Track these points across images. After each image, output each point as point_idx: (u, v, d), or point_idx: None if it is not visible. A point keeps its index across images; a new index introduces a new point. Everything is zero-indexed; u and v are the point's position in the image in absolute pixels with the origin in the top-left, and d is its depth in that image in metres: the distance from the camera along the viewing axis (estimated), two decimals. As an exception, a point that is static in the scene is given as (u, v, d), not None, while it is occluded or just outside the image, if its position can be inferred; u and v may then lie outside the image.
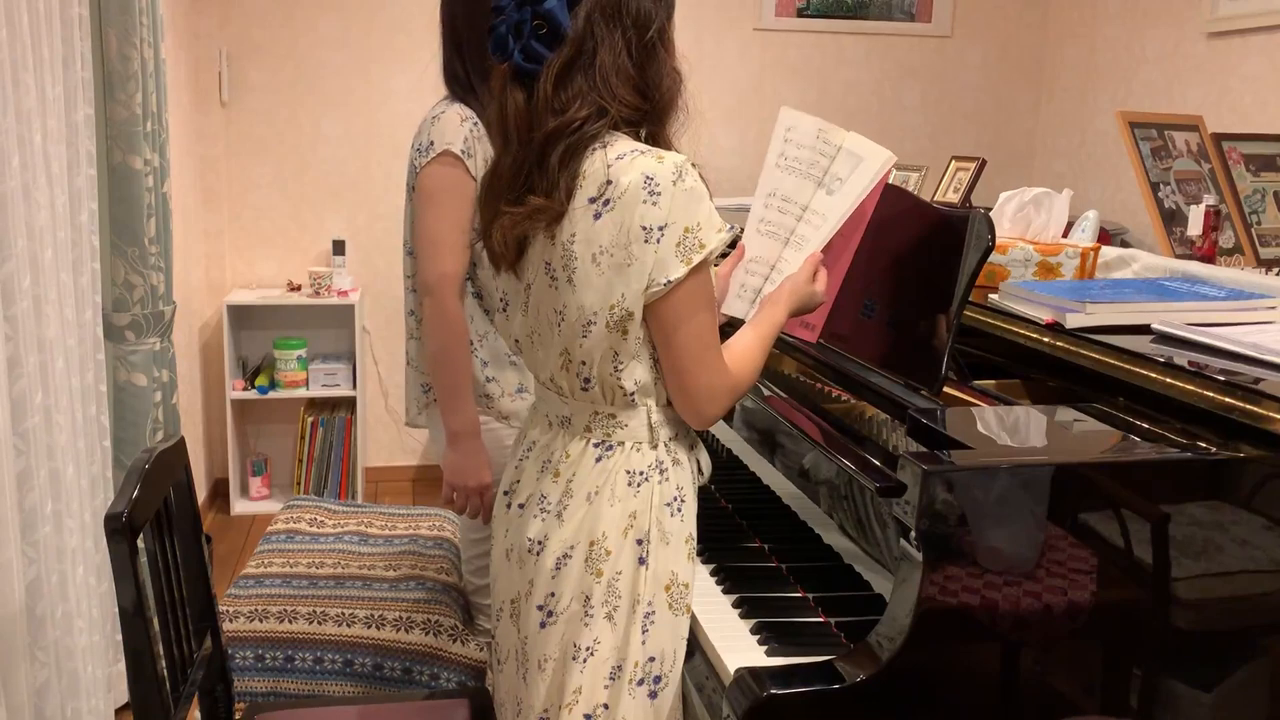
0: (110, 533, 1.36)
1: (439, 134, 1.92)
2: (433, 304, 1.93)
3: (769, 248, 1.56)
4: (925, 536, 1.18)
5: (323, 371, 3.96)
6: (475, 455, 1.99)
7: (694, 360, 1.34)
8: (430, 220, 1.93)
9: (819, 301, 1.53)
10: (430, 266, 1.93)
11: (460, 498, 2.02)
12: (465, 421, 1.98)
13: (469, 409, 1.98)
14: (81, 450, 2.27)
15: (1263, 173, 2.19)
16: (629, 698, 1.38)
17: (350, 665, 2.15)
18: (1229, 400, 1.28)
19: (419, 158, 1.94)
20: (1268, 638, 1.29)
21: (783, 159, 1.57)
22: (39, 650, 2.02)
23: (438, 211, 1.92)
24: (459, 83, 1.98)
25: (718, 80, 4.22)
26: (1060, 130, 4.32)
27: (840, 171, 1.53)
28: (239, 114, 3.95)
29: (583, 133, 1.31)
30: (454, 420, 1.98)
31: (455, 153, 1.90)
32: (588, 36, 1.32)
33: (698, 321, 1.34)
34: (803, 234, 1.54)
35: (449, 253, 1.92)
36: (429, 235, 1.93)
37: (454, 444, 1.99)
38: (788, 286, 1.50)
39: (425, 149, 1.93)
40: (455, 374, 1.95)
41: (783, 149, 1.57)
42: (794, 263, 1.53)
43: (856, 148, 1.53)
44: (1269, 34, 3.28)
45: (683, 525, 1.42)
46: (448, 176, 1.92)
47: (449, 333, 1.94)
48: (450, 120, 1.92)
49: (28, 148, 2.00)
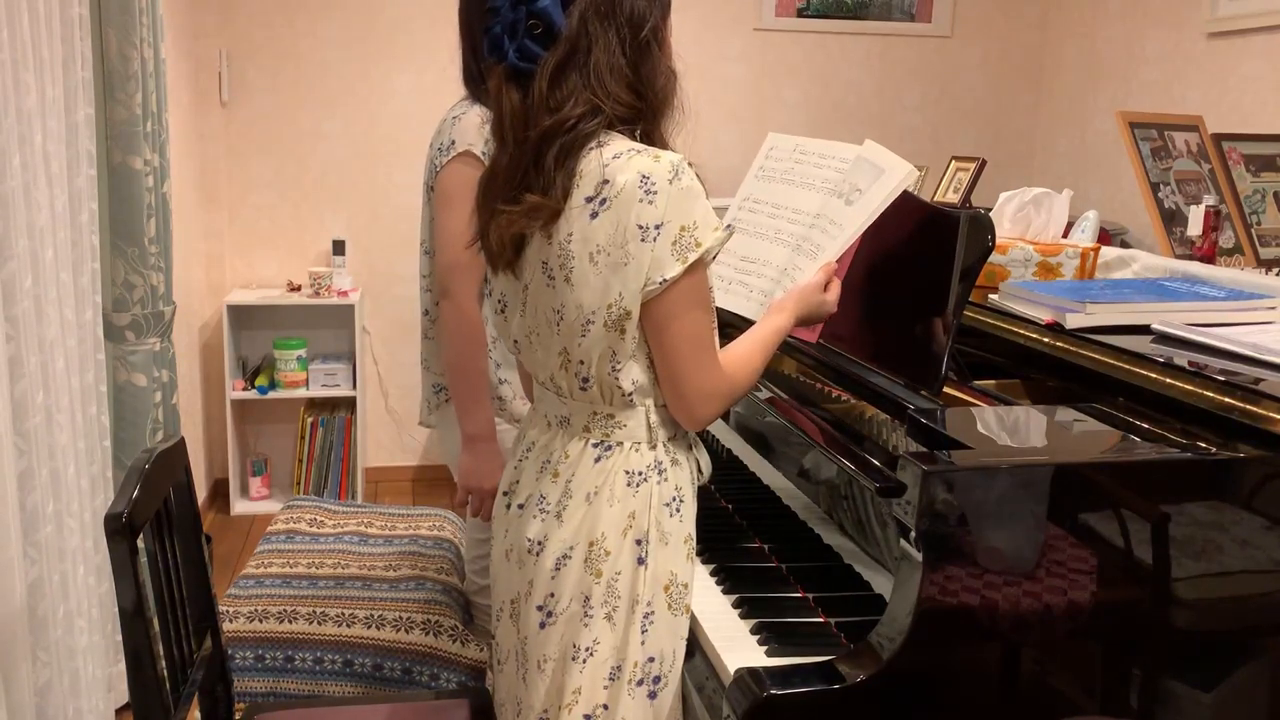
0: (110, 533, 1.36)
1: (460, 134, 1.92)
2: (450, 306, 1.92)
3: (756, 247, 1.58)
4: (925, 536, 1.18)
5: (323, 372, 3.96)
6: (491, 458, 1.98)
7: (687, 360, 1.34)
8: (449, 220, 1.92)
9: (828, 311, 1.52)
10: (449, 267, 1.91)
11: (475, 501, 2.00)
12: (481, 424, 1.96)
13: (485, 411, 1.97)
14: (82, 450, 2.27)
15: (1263, 173, 2.19)
16: (628, 698, 1.38)
17: (350, 665, 2.15)
18: (1229, 400, 1.28)
19: (440, 157, 1.94)
20: (1268, 638, 1.29)
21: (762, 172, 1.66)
22: (41, 650, 2.02)
23: (458, 211, 1.91)
24: (476, 84, 1.97)
25: (718, 80, 4.22)
26: (1060, 130, 4.32)
27: (860, 182, 1.52)
28: (239, 114, 3.95)
29: (578, 131, 1.31)
30: (470, 423, 1.96)
31: (476, 154, 1.90)
32: (582, 35, 1.32)
33: (692, 320, 1.33)
34: (818, 242, 1.54)
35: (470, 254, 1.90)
36: (448, 235, 1.92)
37: (469, 447, 1.98)
38: (796, 294, 1.49)
39: (446, 148, 1.93)
40: (472, 376, 1.94)
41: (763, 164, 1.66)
42: (807, 270, 1.52)
43: (876, 158, 1.52)
44: (1269, 34, 3.28)
45: (682, 525, 1.42)
46: (468, 176, 1.89)
47: (466, 335, 1.92)
48: (471, 121, 1.91)
49: (28, 148, 2.00)
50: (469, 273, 1.91)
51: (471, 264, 1.90)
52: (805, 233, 1.56)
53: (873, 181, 1.50)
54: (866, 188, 1.51)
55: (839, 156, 1.58)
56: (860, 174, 1.52)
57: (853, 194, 1.52)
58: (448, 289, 1.92)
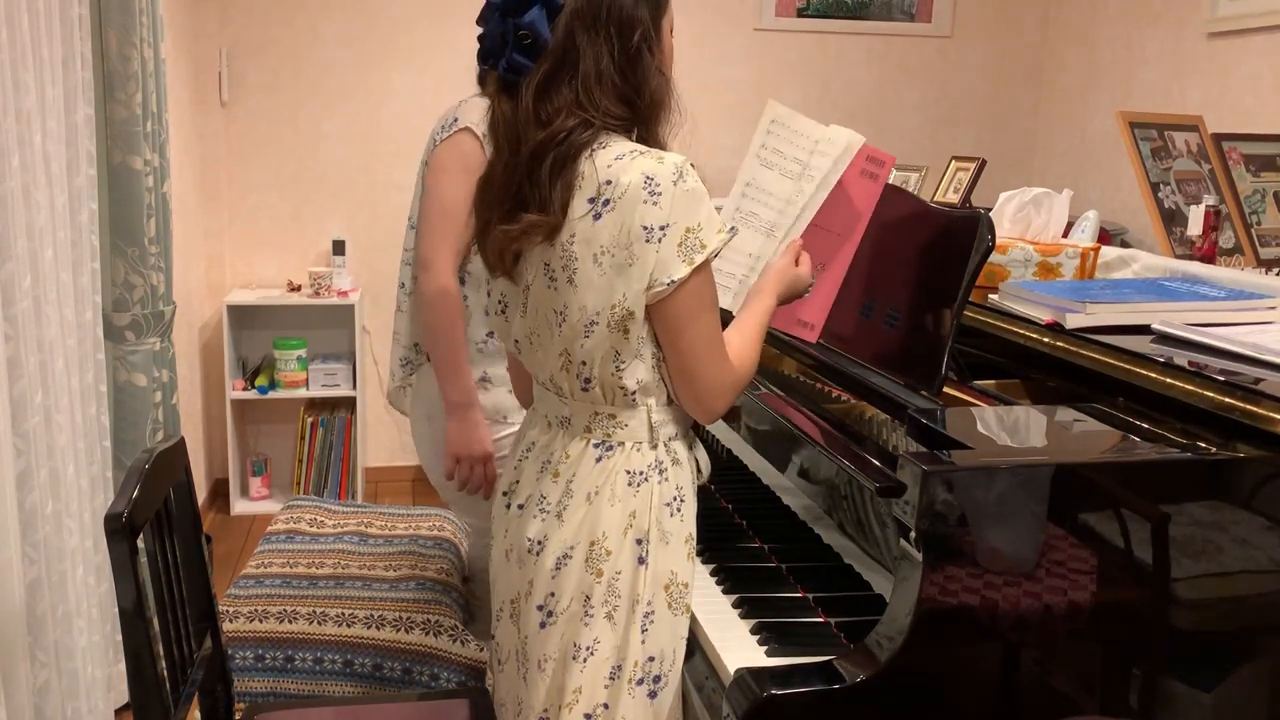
0: (110, 533, 1.36)
1: (464, 113, 1.94)
2: (430, 278, 1.92)
3: (746, 238, 1.58)
4: (925, 536, 1.18)
5: (323, 372, 3.96)
6: (476, 426, 1.99)
7: (701, 358, 1.35)
8: (440, 190, 1.93)
9: (805, 284, 1.55)
10: (431, 238, 1.92)
11: (464, 468, 2.01)
12: (463, 391, 1.98)
13: (466, 379, 1.98)
14: (81, 450, 2.27)
15: (1263, 173, 2.19)
16: (629, 697, 1.38)
17: (350, 665, 2.15)
18: (1229, 400, 1.28)
19: (441, 133, 1.95)
20: (1268, 638, 1.29)
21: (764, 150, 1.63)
22: (39, 650, 2.02)
23: (447, 179, 1.92)
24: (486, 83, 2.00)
25: (718, 80, 4.22)
26: (1060, 130, 4.32)
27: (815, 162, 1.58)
28: (239, 114, 3.94)
29: (570, 142, 1.31)
30: (452, 390, 1.98)
31: (475, 131, 1.91)
32: (569, 47, 1.32)
33: (704, 321, 1.35)
34: (773, 221, 1.58)
35: (453, 226, 1.91)
36: (437, 205, 1.92)
37: (454, 414, 1.99)
38: (772, 274, 1.52)
39: (449, 125, 1.94)
40: (452, 345, 1.95)
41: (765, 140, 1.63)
42: (770, 251, 1.57)
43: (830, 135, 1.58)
44: (1269, 34, 3.28)
45: (682, 525, 1.42)
46: (465, 149, 1.92)
47: (445, 305, 1.93)
48: (478, 103, 1.92)
49: (28, 148, 2.00)
50: (449, 245, 1.91)
51: (451, 236, 1.91)
52: (775, 219, 1.60)
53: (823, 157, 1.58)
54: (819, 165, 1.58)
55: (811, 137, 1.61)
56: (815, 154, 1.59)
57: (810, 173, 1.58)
58: (428, 260, 1.92)
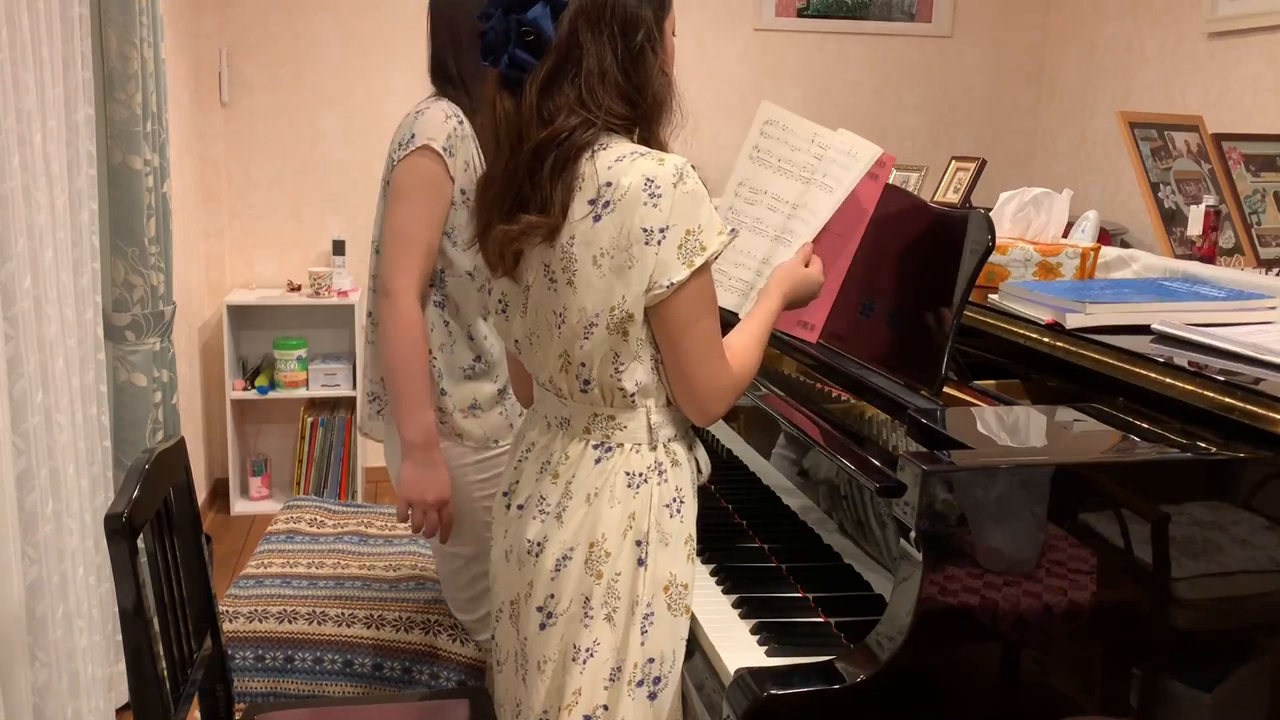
0: (110, 533, 1.36)
1: (421, 128, 1.81)
2: (389, 305, 1.80)
3: (750, 241, 1.58)
4: (925, 536, 1.18)
5: (323, 372, 3.96)
6: (434, 468, 1.85)
7: (699, 361, 1.35)
8: (400, 215, 1.81)
9: (815, 285, 1.53)
10: (393, 264, 1.80)
11: (417, 514, 1.87)
12: (421, 430, 1.83)
13: (426, 417, 1.83)
14: (81, 450, 2.27)
15: (1263, 173, 2.19)
16: (628, 699, 1.38)
17: (350, 665, 2.15)
18: (1229, 400, 1.28)
19: (398, 152, 1.83)
20: (1268, 638, 1.29)
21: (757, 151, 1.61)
22: (40, 651, 2.02)
23: (409, 206, 1.81)
24: (449, 80, 1.89)
25: (718, 80, 4.22)
26: (1060, 130, 4.32)
27: (834, 170, 1.56)
28: (239, 114, 3.94)
29: (572, 142, 1.31)
30: (410, 429, 1.82)
31: (436, 149, 1.80)
32: (572, 45, 1.31)
33: (703, 323, 1.34)
34: (794, 229, 1.56)
35: (416, 252, 1.81)
36: (397, 231, 1.81)
37: (410, 455, 1.84)
38: (779, 275, 1.51)
39: (405, 143, 1.82)
40: (412, 380, 1.81)
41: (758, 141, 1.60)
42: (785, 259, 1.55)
43: (848, 145, 1.56)
44: (1269, 34, 3.28)
45: (682, 526, 1.42)
46: (425, 171, 1.80)
47: (404, 335, 1.80)
48: (434, 116, 1.81)
49: (28, 148, 2.00)
50: (411, 272, 1.80)
51: (414, 263, 1.80)
52: (785, 223, 1.58)
53: (844, 169, 1.55)
54: (838, 175, 1.55)
55: (818, 141, 1.59)
56: (834, 162, 1.56)
57: (825, 181, 1.56)
58: (388, 288, 1.81)
